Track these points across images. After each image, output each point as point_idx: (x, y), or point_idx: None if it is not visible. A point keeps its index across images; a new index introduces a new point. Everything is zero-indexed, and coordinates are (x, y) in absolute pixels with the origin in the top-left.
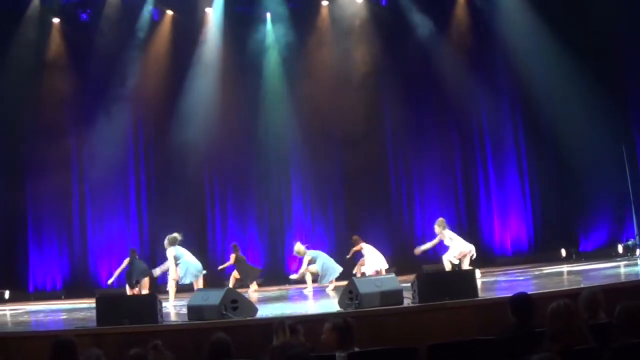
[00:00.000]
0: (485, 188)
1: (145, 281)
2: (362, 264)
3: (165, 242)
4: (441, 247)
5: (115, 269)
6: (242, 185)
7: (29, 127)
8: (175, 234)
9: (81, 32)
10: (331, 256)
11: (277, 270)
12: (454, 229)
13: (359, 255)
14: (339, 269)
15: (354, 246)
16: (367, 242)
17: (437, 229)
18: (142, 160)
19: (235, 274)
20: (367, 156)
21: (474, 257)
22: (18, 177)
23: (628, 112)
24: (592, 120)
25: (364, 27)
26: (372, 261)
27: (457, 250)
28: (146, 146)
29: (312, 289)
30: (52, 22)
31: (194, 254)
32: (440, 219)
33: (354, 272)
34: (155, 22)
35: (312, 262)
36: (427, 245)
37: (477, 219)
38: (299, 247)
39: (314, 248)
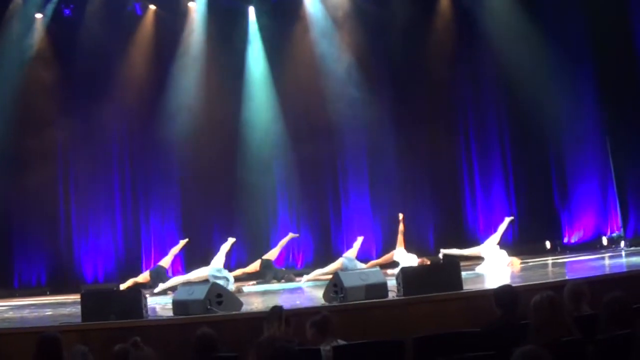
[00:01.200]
0: (469, 180)
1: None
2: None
3: None
4: None
5: (101, 264)
6: (228, 179)
7: (12, 120)
8: None
9: (64, 27)
10: (316, 246)
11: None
12: (438, 221)
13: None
14: None
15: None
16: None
17: None
18: (126, 154)
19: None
20: (353, 151)
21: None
22: (4, 173)
23: (612, 105)
24: (577, 112)
25: (348, 19)
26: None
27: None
28: (130, 140)
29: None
30: (34, 18)
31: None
32: None
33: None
34: (139, 16)
35: None
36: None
37: (461, 210)
38: None
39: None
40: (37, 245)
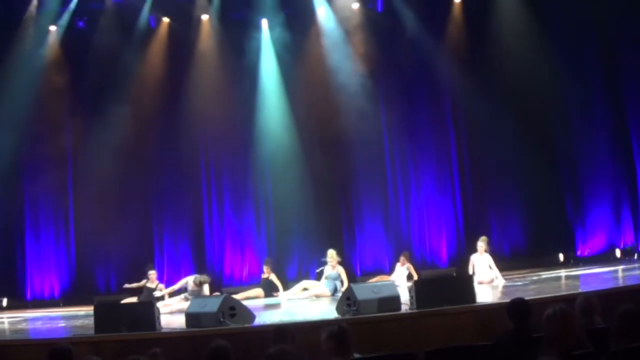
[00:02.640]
0: (482, 193)
1: None
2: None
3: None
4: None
5: (115, 275)
6: (240, 190)
7: (27, 133)
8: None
9: (78, 39)
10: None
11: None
12: (451, 235)
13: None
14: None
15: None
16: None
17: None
18: (138, 166)
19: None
20: (364, 160)
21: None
22: (16, 184)
23: (626, 115)
24: (590, 123)
25: (359, 32)
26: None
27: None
28: (142, 151)
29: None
30: (48, 29)
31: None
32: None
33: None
34: (152, 29)
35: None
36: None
37: (475, 223)
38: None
39: (311, 251)
40: (51, 257)
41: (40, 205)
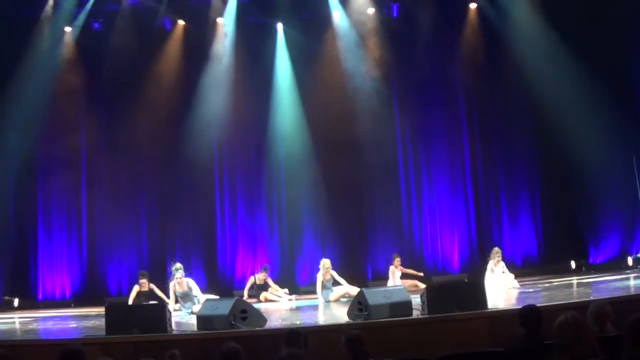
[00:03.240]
0: (495, 199)
1: None
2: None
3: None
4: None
5: (125, 277)
6: (253, 193)
7: (42, 133)
8: None
9: (93, 40)
10: (340, 261)
11: (287, 281)
12: (464, 240)
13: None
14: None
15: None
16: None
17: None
18: (151, 169)
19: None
20: (378, 165)
21: None
22: (29, 185)
23: (639, 122)
24: (603, 130)
25: (374, 36)
26: None
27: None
28: (156, 154)
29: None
30: (64, 30)
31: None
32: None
33: None
34: (167, 31)
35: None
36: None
37: (488, 230)
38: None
39: (325, 255)
40: (62, 258)
41: (53, 205)
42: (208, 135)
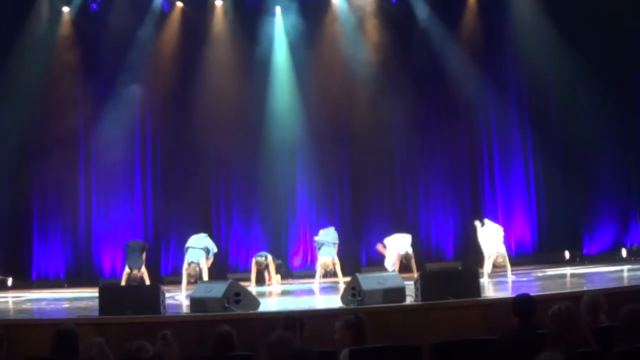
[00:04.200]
0: (490, 189)
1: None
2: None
3: None
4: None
5: (120, 258)
6: (248, 176)
7: (38, 114)
8: None
9: (91, 21)
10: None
11: (280, 266)
12: (458, 227)
13: None
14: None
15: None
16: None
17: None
18: (148, 150)
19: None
20: (374, 151)
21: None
22: (25, 163)
23: (635, 115)
24: (600, 123)
25: (373, 22)
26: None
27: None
28: (153, 136)
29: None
30: (61, 11)
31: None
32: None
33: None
34: (165, 13)
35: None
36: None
37: (482, 218)
38: None
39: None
40: (57, 238)
41: (48, 185)
42: (205, 117)
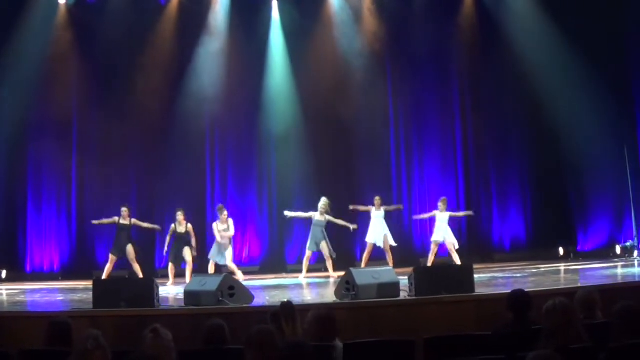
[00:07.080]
0: (485, 183)
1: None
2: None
3: None
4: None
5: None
6: (243, 167)
7: (33, 100)
8: None
9: (87, 13)
10: (329, 239)
11: (275, 258)
12: (453, 223)
13: None
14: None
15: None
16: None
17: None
18: (144, 141)
19: None
20: (369, 142)
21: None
22: (18, 154)
23: (632, 112)
24: (595, 118)
25: (370, 13)
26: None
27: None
28: (149, 126)
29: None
30: (57, 3)
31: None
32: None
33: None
34: (162, 6)
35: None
36: (423, 216)
37: (477, 213)
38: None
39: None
40: (51, 231)
41: (43, 176)
42: (200, 109)
